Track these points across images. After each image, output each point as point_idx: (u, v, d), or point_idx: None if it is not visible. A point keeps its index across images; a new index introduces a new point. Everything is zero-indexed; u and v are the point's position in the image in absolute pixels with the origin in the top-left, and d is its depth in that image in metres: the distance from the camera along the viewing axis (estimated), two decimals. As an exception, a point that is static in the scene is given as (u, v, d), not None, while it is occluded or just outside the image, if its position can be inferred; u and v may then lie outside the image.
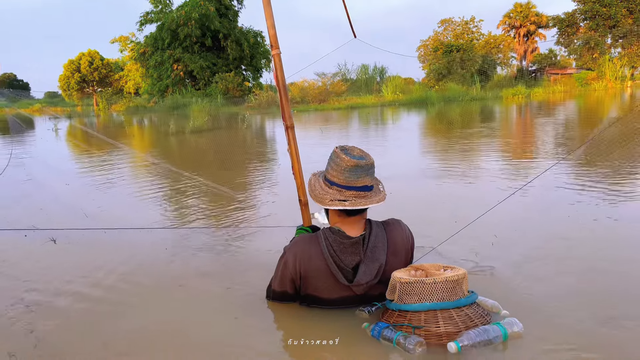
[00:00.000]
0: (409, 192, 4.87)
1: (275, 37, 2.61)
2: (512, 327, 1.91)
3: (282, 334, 2.11)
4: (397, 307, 2.02)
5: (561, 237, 3.22)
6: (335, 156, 2.16)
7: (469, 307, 1.98)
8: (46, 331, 2.24)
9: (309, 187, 2.29)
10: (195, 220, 4.20)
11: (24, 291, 2.71)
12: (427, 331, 1.91)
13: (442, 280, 1.96)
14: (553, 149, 7.63)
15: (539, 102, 23.15)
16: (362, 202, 2.13)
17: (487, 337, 1.85)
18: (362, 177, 2.13)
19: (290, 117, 2.62)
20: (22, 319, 2.37)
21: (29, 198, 5.49)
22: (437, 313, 1.93)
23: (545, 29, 44.35)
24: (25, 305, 2.51)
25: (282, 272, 2.27)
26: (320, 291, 2.22)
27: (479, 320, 1.95)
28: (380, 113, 21.48)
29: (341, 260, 2.15)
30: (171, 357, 1.96)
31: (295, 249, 2.23)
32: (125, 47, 44.13)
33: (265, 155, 9.35)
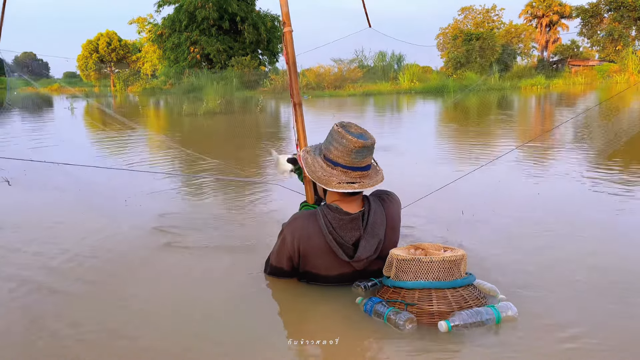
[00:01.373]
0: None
1: (288, 15, 2.61)
2: (507, 311, 1.89)
3: (282, 333, 2.06)
4: (392, 283, 2.01)
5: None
6: (339, 136, 2.09)
7: (465, 288, 1.96)
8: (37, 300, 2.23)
9: (306, 167, 2.22)
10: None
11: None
12: (419, 309, 1.90)
13: (439, 260, 1.94)
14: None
15: (558, 93, 22.74)
16: (369, 183, 2.13)
17: (480, 319, 1.83)
18: (366, 157, 2.13)
19: (299, 94, 2.62)
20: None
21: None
22: (431, 292, 1.92)
23: (568, 19, 43.43)
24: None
25: (279, 248, 2.26)
26: (319, 268, 2.21)
27: (474, 302, 1.93)
28: (395, 101, 21.29)
29: (341, 237, 2.13)
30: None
31: (294, 227, 2.20)
32: (143, 28, 44.18)
33: (275, 138, 9.33)
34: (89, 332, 1.95)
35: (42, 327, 2.00)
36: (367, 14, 3.72)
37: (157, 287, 2.40)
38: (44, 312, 2.13)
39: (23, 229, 3.35)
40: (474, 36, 33.90)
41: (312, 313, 2.11)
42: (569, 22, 43.63)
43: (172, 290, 2.36)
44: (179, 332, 1.95)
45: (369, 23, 3.81)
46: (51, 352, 1.82)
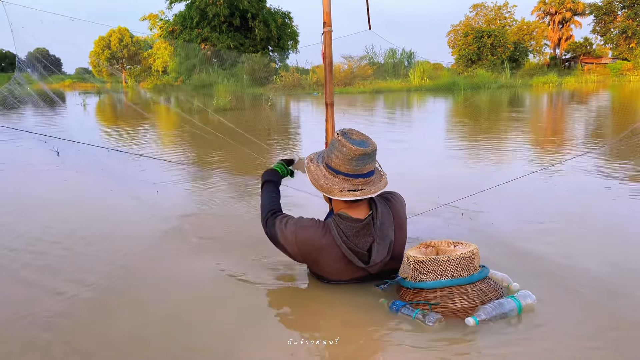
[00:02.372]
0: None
1: (329, 15, 2.63)
2: (526, 299, 1.94)
3: (283, 333, 2.07)
4: (412, 285, 2.03)
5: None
6: (339, 144, 2.09)
7: (482, 281, 2.00)
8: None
9: (310, 176, 2.22)
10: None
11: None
12: (443, 307, 1.93)
13: (456, 257, 1.97)
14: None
15: (570, 91, 22.55)
16: (371, 190, 2.13)
17: (503, 311, 1.87)
18: (368, 164, 2.12)
19: (332, 94, 2.72)
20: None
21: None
22: (452, 289, 1.95)
23: (581, 16, 42.97)
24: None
25: (287, 238, 2.22)
26: (330, 274, 2.22)
27: (493, 294, 1.98)
28: (406, 98, 21.23)
29: (356, 245, 2.13)
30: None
31: (306, 234, 2.18)
32: (154, 25, 44.37)
33: (286, 136, 9.35)
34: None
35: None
36: (369, 16, 3.72)
37: (163, 282, 2.45)
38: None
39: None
40: (485, 33, 33.70)
41: (323, 313, 2.12)
42: (582, 19, 43.18)
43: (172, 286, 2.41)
44: (178, 329, 1.97)
45: (369, 25, 3.82)
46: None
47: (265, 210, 2.38)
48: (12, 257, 2.74)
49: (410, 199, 2.47)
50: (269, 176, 2.56)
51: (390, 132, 9.19)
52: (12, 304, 2.20)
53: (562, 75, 30.79)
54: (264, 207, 2.40)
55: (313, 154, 2.33)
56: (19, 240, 3.00)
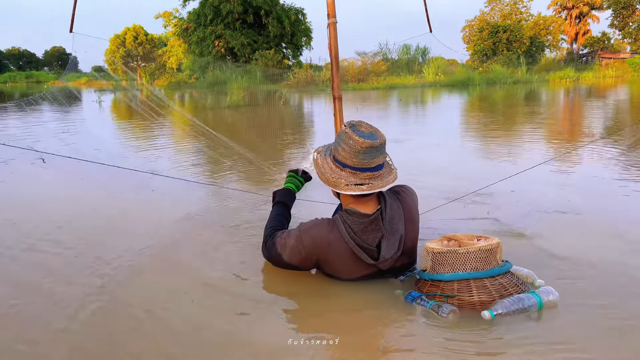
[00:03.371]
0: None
1: (333, 5, 2.55)
2: (548, 295, 1.87)
3: (283, 333, 2.04)
4: (430, 276, 1.99)
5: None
6: (346, 137, 2.03)
7: (503, 276, 1.94)
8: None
9: (317, 169, 2.17)
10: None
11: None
12: (460, 300, 1.89)
13: (475, 250, 1.92)
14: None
15: (587, 86, 22.19)
16: (379, 184, 2.06)
17: (522, 306, 1.82)
18: (376, 157, 2.05)
19: (339, 87, 2.62)
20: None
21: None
22: (470, 282, 1.90)
23: (599, 10, 42.29)
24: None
25: (292, 248, 2.18)
26: (341, 272, 2.17)
27: (514, 289, 1.92)
28: (419, 94, 21.08)
29: (364, 241, 2.08)
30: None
31: (312, 235, 2.13)
32: (168, 22, 44.64)
33: (298, 133, 9.33)
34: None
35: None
36: (428, 19, 3.69)
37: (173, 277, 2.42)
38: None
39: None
40: (501, 28, 33.32)
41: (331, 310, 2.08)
42: (599, 13, 42.50)
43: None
44: (177, 328, 1.94)
45: (430, 28, 3.82)
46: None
47: (265, 234, 2.33)
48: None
49: (430, 192, 2.42)
50: (281, 197, 2.50)
51: (403, 125, 9.12)
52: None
53: (580, 70, 30.31)
54: (265, 230, 2.36)
55: (321, 147, 2.28)
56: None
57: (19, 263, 2.57)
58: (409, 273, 2.21)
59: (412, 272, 2.22)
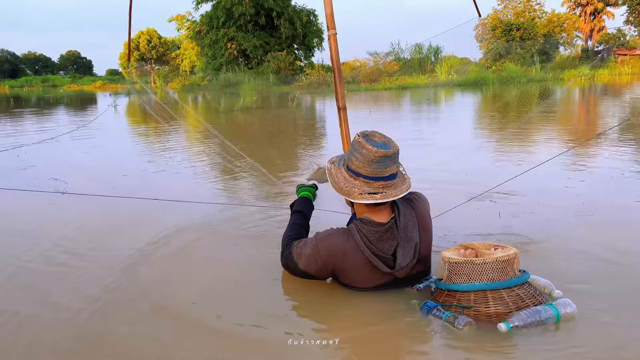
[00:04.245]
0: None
1: (332, 17, 2.50)
2: (565, 308, 1.86)
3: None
4: (446, 286, 2.00)
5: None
6: (359, 146, 2.05)
7: (520, 287, 1.94)
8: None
9: (330, 178, 2.19)
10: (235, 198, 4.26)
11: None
12: (476, 311, 1.89)
13: (492, 261, 1.92)
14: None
15: (603, 84, 21.91)
16: (392, 193, 2.08)
17: (539, 318, 1.81)
18: (390, 166, 2.07)
19: (343, 98, 2.56)
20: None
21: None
22: (487, 293, 1.90)
23: (614, 7, 41.69)
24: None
25: (308, 258, 2.21)
26: (356, 282, 2.19)
27: (531, 300, 1.91)
28: (432, 94, 20.98)
29: (380, 250, 2.10)
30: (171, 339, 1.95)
31: (328, 244, 2.16)
32: (182, 25, 45.05)
33: (313, 137, 9.36)
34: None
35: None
36: (476, 4, 3.62)
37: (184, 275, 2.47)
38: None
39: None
40: (514, 26, 33.03)
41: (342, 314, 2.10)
42: (615, 9, 41.88)
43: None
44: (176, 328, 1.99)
45: (479, 12, 3.70)
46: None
47: (283, 244, 2.37)
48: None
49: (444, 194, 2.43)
50: (299, 206, 2.53)
51: (416, 128, 9.10)
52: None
53: (595, 68, 29.91)
54: (283, 239, 2.40)
55: (335, 157, 2.31)
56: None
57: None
58: (425, 282, 2.22)
59: (428, 280, 2.23)
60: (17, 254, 2.88)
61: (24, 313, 2.15)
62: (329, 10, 2.49)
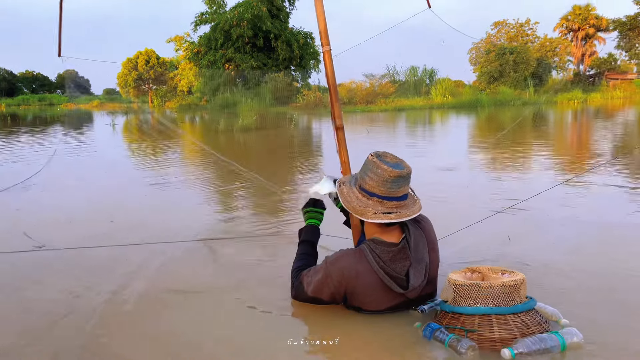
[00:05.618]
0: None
1: (326, 33, 2.43)
2: (572, 337, 1.83)
3: (284, 334, 2.08)
4: (451, 309, 2.00)
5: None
6: (374, 166, 2.07)
7: (526, 313, 1.92)
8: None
9: (342, 198, 2.18)
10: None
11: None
12: (480, 335, 1.88)
13: (499, 285, 1.92)
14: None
15: (595, 107, 22.21)
16: (406, 213, 2.08)
17: (544, 346, 1.78)
18: (403, 187, 2.09)
19: (340, 117, 2.49)
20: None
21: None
22: (492, 318, 1.89)
23: (605, 32, 42.39)
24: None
25: (321, 282, 2.19)
26: (369, 304, 2.17)
27: (536, 328, 1.89)
28: (428, 116, 21.19)
29: (393, 270, 2.09)
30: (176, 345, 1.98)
31: (341, 266, 2.14)
32: (180, 46, 45.37)
33: (312, 155, 9.42)
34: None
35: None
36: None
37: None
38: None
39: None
40: (508, 50, 33.52)
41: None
42: (605, 35, 42.59)
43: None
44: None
45: (429, 4, 3.57)
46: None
47: (292, 275, 2.37)
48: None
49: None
50: (306, 235, 2.51)
51: (415, 148, 9.20)
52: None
53: (588, 92, 30.36)
54: (292, 271, 2.39)
55: (344, 177, 2.32)
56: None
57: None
58: (430, 303, 2.21)
59: (434, 302, 2.23)
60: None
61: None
62: (323, 26, 2.44)
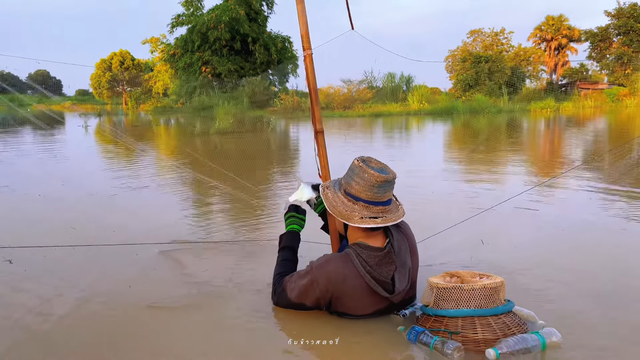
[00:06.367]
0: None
1: (308, 36, 2.45)
2: (551, 336, 1.89)
3: (283, 334, 2.07)
4: (434, 312, 2.00)
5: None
6: (360, 171, 2.06)
7: (506, 315, 1.96)
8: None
9: (327, 203, 2.16)
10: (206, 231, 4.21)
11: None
12: (464, 337, 1.90)
13: (480, 287, 1.95)
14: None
15: (567, 116, 22.73)
16: (392, 218, 2.10)
17: (526, 346, 1.83)
18: (388, 191, 2.10)
19: (320, 121, 2.51)
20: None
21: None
22: (474, 320, 1.92)
23: (577, 42, 43.53)
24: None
25: (305, 288, 2.15)
26: (354, 309, 2.14)
27: (517, 328, 1.94)
28: (405, 122, 21.36)
29: (380, 274, 2.08)
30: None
31: (327, 271, 2.11)
32: (155, 48, 44.81)
33: (289, 160, 9.36)
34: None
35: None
36: (350, 15, 3.44)
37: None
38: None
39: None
40: (483, 59, 34.10)
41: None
42: (578, 45, 43.73)
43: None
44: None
45: (352, 25, 3.46)
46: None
47: (274, 281, 2.32)
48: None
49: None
50: (287, 241, 2.45)
51: (393, 154, 9.22)
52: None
53: (560, 101, 31.06)
54: (274, 277, 2.34)
55: (327, 182, 2.30)
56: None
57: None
58: (411, 308, 2.21)
59: (413, 306, 2.22)
60: None
61: None
62: (304, 30, 2.44)
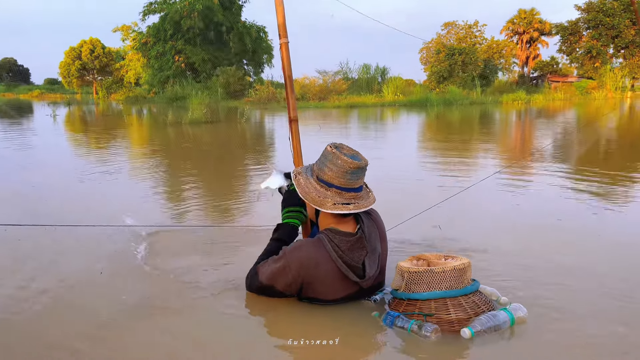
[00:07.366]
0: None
1: (284, 25, 2.48)
2: (518, 312, 1.96)
3: (282, 334, 2.05)
4: (407, 296, 2.02)
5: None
6: (334, 157, 2.07)
7: (475, 294, 2.02)
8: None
9: (299, 189, 2.15)
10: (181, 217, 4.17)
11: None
12: (438, 318, 1.93)
13: (451, 269, 1.98)
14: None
15: (538, 108, 23.18)
16: (364, 204, 2.11)
17: (497, 322, 1.89)
18: (360, 178, 2.13)
19: (295, 109, 2.54)
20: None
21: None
22: (446, 301, 1.95)
23: (548, 36, 44.36)
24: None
25: (277, 272, 2.13)
26: (325, 294, 2.14)
27: (485, 306, 2.00)
28: (379, 113, 21.45)
29: (351, 259, 2.09)
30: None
31: (299, 256, 2.11)
32: (127, 36, 43.87)
33: (262, 150, 9.32)
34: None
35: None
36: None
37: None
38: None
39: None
40: (457, 51, 34.42)
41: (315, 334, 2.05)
42: (548, 39, 44.54)
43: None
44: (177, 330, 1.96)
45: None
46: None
47: (251, 268, 2.29)
48: None
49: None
50: (283, 234, 2.35)
51: (367, 145, 9.26)
52: None
53: (531, 93, 31.64)
54: (253, 265, 2.30)
55: (299, 168, 2.29)
56: None
57: None
58: (380, 293, 2.23)
59: (383, 292, 2.24)
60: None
61: None
62: (281, 19, 2.47)
